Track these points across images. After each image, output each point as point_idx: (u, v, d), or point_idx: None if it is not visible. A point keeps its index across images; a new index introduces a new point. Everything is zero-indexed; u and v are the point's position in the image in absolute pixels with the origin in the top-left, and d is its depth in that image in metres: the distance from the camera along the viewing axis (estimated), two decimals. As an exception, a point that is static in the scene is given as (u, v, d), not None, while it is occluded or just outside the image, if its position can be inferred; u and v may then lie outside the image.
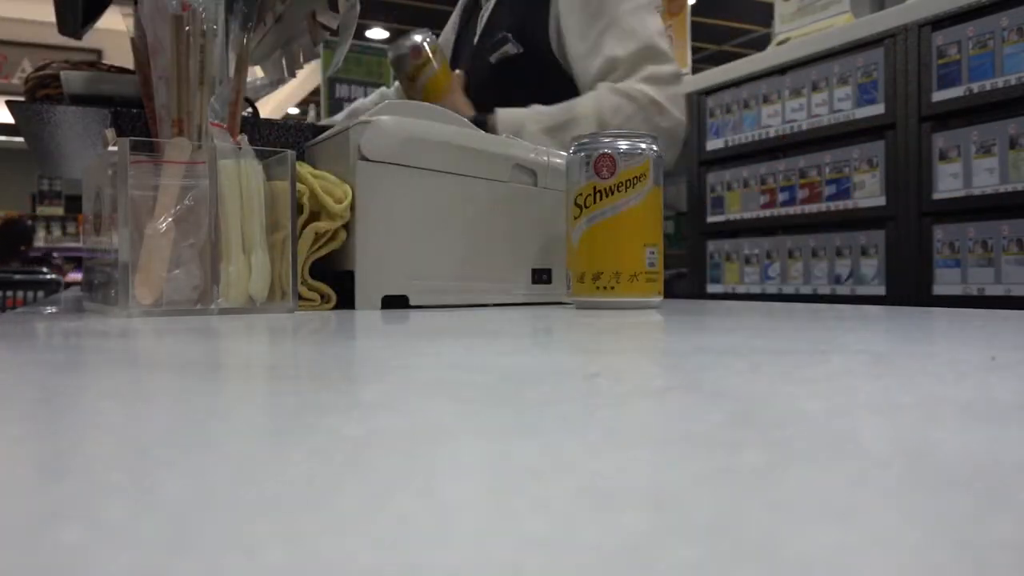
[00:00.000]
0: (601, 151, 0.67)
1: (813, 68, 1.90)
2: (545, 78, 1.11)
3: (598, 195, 0.67)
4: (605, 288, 0.67)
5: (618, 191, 0.66)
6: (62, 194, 6.45)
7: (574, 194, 0.69)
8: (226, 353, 0.38)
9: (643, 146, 0.68)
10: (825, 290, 1.89)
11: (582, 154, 0.69)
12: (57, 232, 6.22)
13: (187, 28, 0.64)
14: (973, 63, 1.58)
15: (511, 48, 1.12)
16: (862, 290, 1.80)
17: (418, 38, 1.11)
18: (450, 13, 1.42)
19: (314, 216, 0.70)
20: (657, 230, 0.69)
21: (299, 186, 0.68)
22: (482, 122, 1.00)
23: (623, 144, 0.67)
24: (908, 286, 1.70)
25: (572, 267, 0.69)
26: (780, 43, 2.13)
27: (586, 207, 0.67)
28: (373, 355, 0.36)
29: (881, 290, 1.76)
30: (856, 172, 1.81)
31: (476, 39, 1.23)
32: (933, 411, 0.19)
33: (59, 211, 6.37)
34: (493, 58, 1.15)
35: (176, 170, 0.62)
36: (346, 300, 0.71)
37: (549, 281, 0.81)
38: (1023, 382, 0.24)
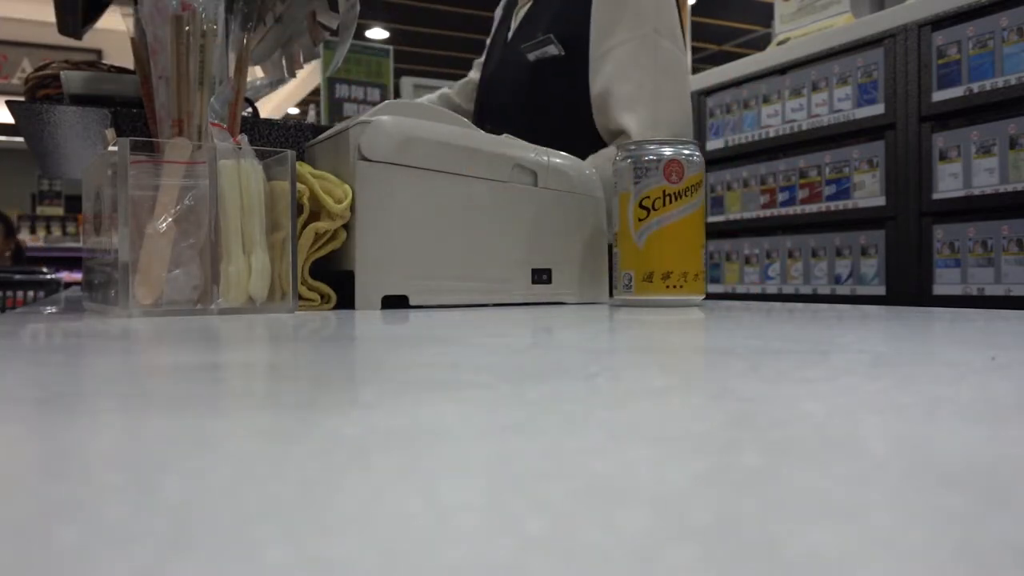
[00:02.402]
0: (671, 158, 0.71)
1: (813, 68, 1.90)
2: (581, 81, 1.11)
3: (668, 198, 0.72)
4: (675, 287, 0.72)
5: (686, 195, 0.72)
6: (62, 194, 6.44)
7: (639, 197, 0.72)
8: (226, 353, 0.38)
9: (697, 155, 0.73)
10: (825, 290, 1.89)
11: (631, 160, 0.73)
12: (57, 232, 6.21)
13: (187, 28, 0.64)
14: (973, 63, 1.58)
15: (553, 49, 1.12)
16: (862, 290, 1.80)
17: None
18: (449, 14, 1.41)
19: (314, 216, 0.70)
20: (704, 232, 0.75)
21: (299, 186, 0.68)
22: None
23: (685, 151, 0.72)
24: (908, 286, 1.70)
25: (635, 267, 0.73)
26: (780, 43, 2.13)
27: (654, 209, 0.72)
28: (373, 355, 0.36)
29: (881, 290, 1.76)
30: (856, 172, 1.81)
31: (510, 35, 1.23)
32: (933, 411, 0.19)
33: (59, 211, 6.37)
34: (532, 56, 1.15)
35: (176, 170, 0.62)
36: (346, 300, 0.71)
37: (549, 281, 0.81)
38: (1023, 382, 0.24)
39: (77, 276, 4.42)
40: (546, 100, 1.12)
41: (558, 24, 1.14)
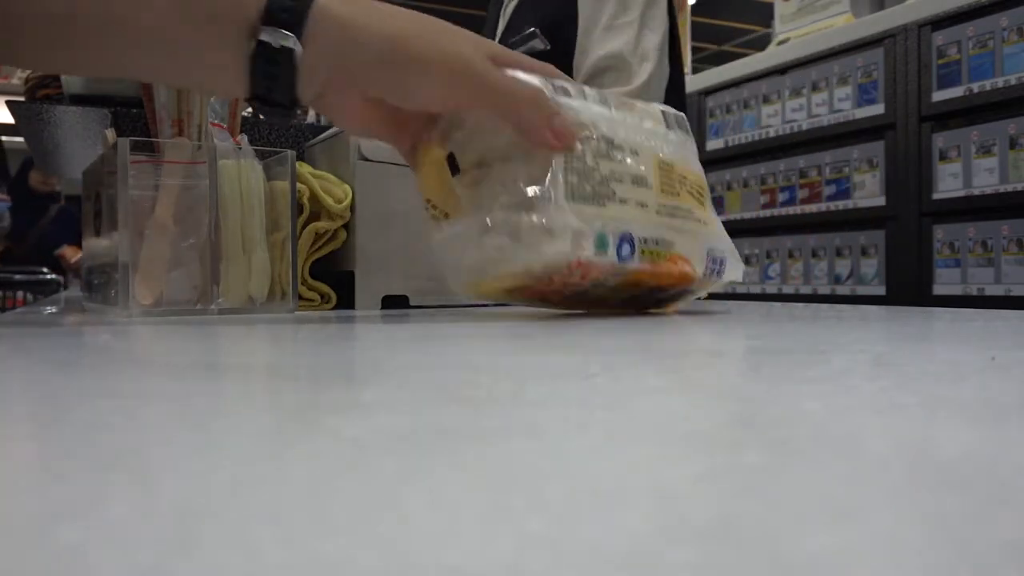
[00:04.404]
0: None
1: (813, 68, 1.90)
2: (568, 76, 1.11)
3: None
4: None
5: None
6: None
7: None
8: (226, 353, 0.38)
9: None
10: (825, 290, 1.89)
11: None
12: (57, 232, 6.20)
13: (187, 28, 0.64)
14: (973, 63, 1.58)
15: (538, 44, 1.12)
16: (862, 290, 1.80)
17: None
18: (447, 14, 1.42)
19: (314, 216, 0.70)
20: None
21: (299, 186, 0.68)
22: None
23: None
24: (908, 286, 1.70)
25: None
26: (780, 43, 2.13)
27: None
28: (373, 355, 0.36)
29: (881, 290, 1.76)
30: (856, 172, 1.81)
31: (500, 32, 1.24)
32: (933, 411, 0.19)
33: (59, 211, 6.36)
34: (519, 52, 1.15)
35: (176, 170, 0.62)
36: (346, 300, 0.71)
37: (549, 281, 0.81)
38: (1023, 382, 0.24)
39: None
40: None
41: (545, 21, 1.14)
